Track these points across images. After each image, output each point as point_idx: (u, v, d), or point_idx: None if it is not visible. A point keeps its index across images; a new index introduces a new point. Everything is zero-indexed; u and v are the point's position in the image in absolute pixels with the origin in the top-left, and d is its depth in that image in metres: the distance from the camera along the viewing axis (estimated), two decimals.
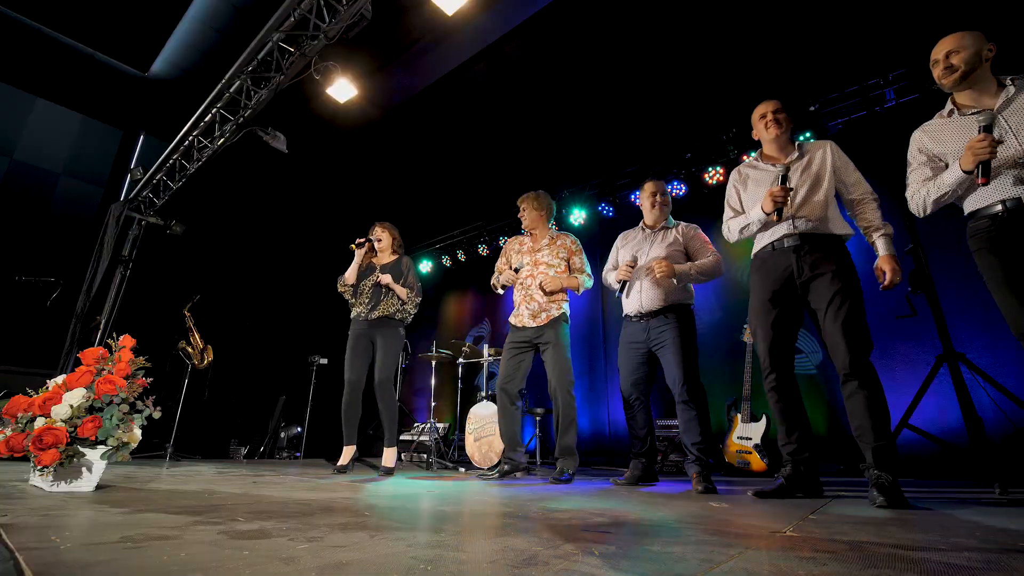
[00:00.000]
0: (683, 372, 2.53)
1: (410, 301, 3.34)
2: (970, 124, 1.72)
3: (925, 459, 3.15)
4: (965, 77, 1.74)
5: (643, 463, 2.71)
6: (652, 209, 2.88)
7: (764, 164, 2.33)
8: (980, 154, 1.60)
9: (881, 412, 1.88)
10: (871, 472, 1.84)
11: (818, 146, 2.24)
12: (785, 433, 2.10)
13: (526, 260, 3.14)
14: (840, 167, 2.16)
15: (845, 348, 1.92)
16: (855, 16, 3.77)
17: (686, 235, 2.80)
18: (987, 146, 1.59)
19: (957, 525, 1.31)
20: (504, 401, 3.00)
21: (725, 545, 1.04)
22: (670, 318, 2.63)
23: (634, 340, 2.75)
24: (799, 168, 2.20)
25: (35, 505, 1.44)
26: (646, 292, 2.70)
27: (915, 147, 1.92)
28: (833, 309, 1.98)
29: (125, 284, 4.93)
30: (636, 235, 2.96)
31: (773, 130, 2.26)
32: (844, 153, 2.21)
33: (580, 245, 3.17)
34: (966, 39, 1.74)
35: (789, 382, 2.12)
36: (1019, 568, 0.85)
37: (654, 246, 2.80)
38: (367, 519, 1.32)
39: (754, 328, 2.22)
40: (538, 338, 2.97)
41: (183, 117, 4.50)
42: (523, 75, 5.14)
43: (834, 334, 1.96)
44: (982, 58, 1.72)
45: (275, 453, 5.34)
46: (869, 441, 1.86)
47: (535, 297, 3.00)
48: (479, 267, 6.34)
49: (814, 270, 2.05)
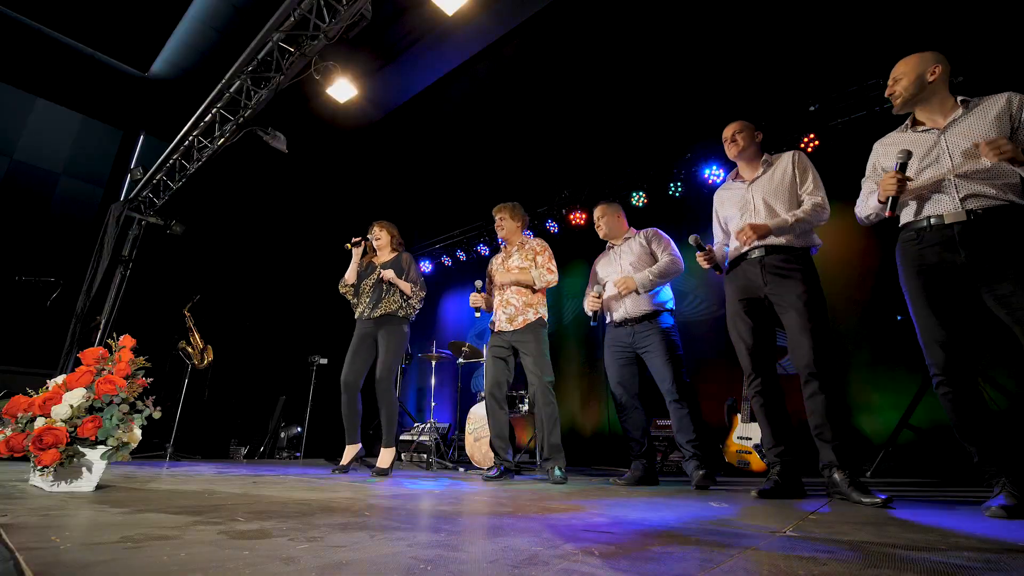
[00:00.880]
0: (671, 372, 2.63)
1: (415, 295, 3.31)
2: (919, 140, 1.80)
3: (925, 459, 3.15)
4: (906, 103, 1.84)
5: (643, 464, 2.75)
6: (609, 226, 3.05)
7: (734, 183, 2.43)
8: (888, 190, 1.71)
9: (841, 412, 1.96)
10: (835, 473, 1.90)
11: (783, 158, 2.31)
12: (771, 435, 2.16)
13: (501, 269, 3.24)
14: (798, 174, 2.23)
15: (808, 348, 1.99)
16: (855, 16, 3.77)
17: (648, 240, 2.93)
18: (894, 184, 1.69)
19: (957, 525, 1.31)
20: (492, 405, 3.05)
21: (725, 545, 1.04)
22: (654, 323, 2.76)
23: (619, 343, 2.86)
24: (761, 183, 2.29)
25: (35, 505, 1.43)
26: (629, 301, 2.82)
27: (871, 159, 2.00)
28: (796, 311, 2.05)
29: (125, 284, 4.93)
30: (607, 255, 3.10)
31: (733, 150, 2.38)
32: (807, 159, 2.27)
33: (546, 245, 3.23)
34: (908, 65, 1.82)
35: (773, 386, 2.19)
36: (1019, 568, 0.85)
37: (622, 259, 2.95)
38: (367, 519, 1.32)
39: (733, 337, 2.30)
40: (516, 342, 3.04)
41: (183, 117, 4.50)
42: (523, 75, 5.14)
43: (797, 335, 2.03)
44: (924, 82, 1.79)
45: (275, 453, 5.34)
46: (829, 439, 1.93)
47: (511, 302, 3.08)
48: (479, 267, 6.33)
49: (778, 277, 2.13)
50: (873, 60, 3.75)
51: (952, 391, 1.63)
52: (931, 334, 1.68)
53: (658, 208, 4.99)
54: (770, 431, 2.16)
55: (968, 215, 1.63)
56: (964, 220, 1.63)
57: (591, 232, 5.43)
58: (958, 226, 1.64)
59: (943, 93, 1.80)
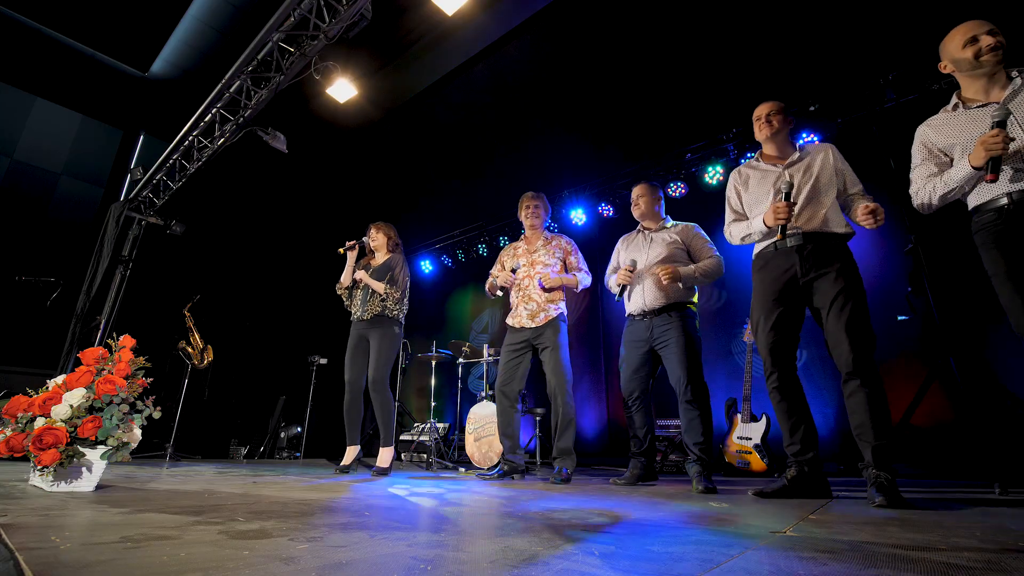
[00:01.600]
0: (687, 372, 2.53)
1: (389, 297, 3.29)
2: (977, 117, 1.71)
3: (925, 459, 3.15)
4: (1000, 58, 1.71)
5: (643, 462, 2.71)
6: (636, 210, 2.93)
7: (764, 164, 2.32)
8: (992, 149, 1.57)
9: (882, 411, 1.87)
10: (869, 471, 1.83)
11: (819, 148, 2.25)
12: (789, 433, 2.09)
13: (523, 261, 3.16)
14: (842, 169, 2.17)
15: (848, 347, 1.91)
16: (855, 16, 3.77)
17: (686, 235, 2.80)
18: (1000, 141, 1.55)
19: (957, 525, 1.31)
20: (503, 403, 3.00)
21: (725, 545, 1.04)
22: (673, 316, 2.63)
23: (637, 338, 2.75)
24: (800, 169, 2.20)
25: (35, 505, 1.43)
26: (648, 291, 2.69)
27: (920, 141, 1.90)
28: (836, 308, 1.97)
29: (125, 284, 4.93)
30: (636, 237, 2.96)
31: (766, 130, 2.28)
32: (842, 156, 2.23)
33: (575, 245, 3.21)
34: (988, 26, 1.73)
35: (792, 382, 2.11)
36: (1019, 568, 0.85)
37: (653, 247, 2.80)
38: (367, 519, 1.32)
39: (756, 328, 2.21)
40: (536, 339, 2.99)
41: (183, 117, 4.50)
42: (523, 75, 5.14)
43: (837, 333, 1.95)
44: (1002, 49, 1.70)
45: (275, 453, 5.34)
46: (869, 440, 1.85)
47: (533, 297, 3.03)
48: (479, 267, 6.34)
49: (817, 269, 2.05)
50: (873, 60, 3.75)
51: None
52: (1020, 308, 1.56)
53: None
54: (788, 428, 2.08)
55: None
56: None
57: (591, 232, 5.46)
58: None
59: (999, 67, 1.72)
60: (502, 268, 3.27)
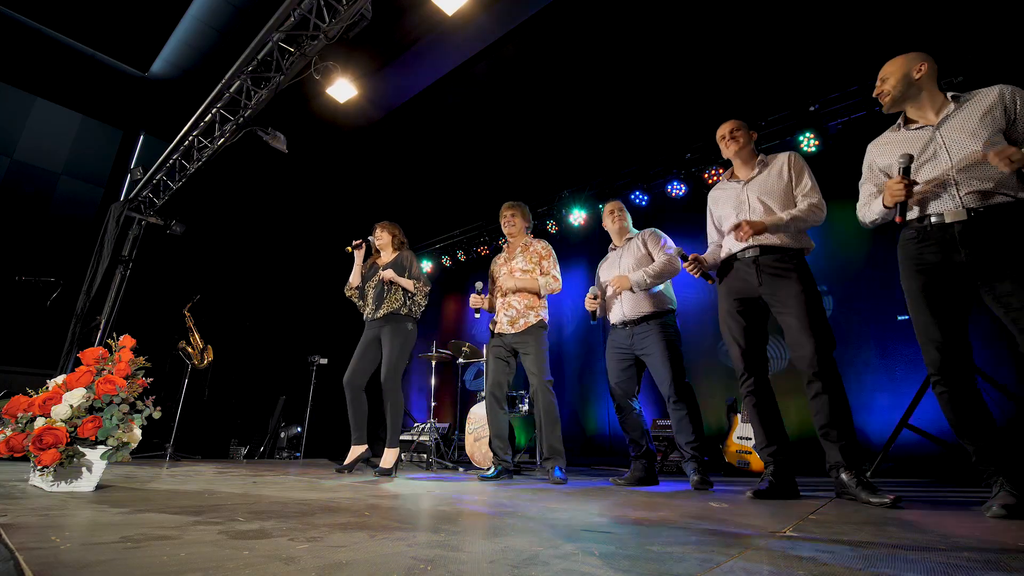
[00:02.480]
0: (670, 375, 2.62)
1: (419, 292, 3.25)
2: (913, 138, 1.80)
3: (925, 459, 3.15)
4: (895, 101, 1.85)
5: (644, 464, 2.75)
6: (613, 225, 3.05)
7: (728, 183, 2.43)
8: (896, 195, 1.69)
9: (845, 412, 1.96)
10: (843, 473, 1.89)
11: (779, 159, 2.30)
12: (764, 436, 2.16)
13: (503, 270, 3.22)
14: (794, 175, 2.23)
15: (811, 348, 1.98)
16: (855, 16, 3.77)
17: (645, 241, 2.91)
18: (902, 189, 1.68)
19: (957, 525, 1.31)
20: (492, 405, 3.06)
21: (725, 545, 1.04)
22: (652, 324, 2.74)
23: (619, 346, 2.86)
24: (756, 183, 2.28)
25: (35, 505, 1.43)
26: (626, 303, 2.81)
27: (866, 160, 1.99)
28: (795, 312, 2.04)
29: (125, 284, 4.93)
30: (610, 256, 3.09)
31: (731, 147, 2.37)
32: (803, 161, 2.27)
33: (551, 249, 3.23)
34: (894, 65, 1.84)
35: (765, 386, 2.19)
36: (1019, 568, 0.85)
37: (623, 260, 2.93)
38: (367, 519, 1.32)
39: (726, 335, 2.30)
40: (517, 344, 3.04)
41: (183, 117, 4.50)
42: (523, 75, 5.14)
43: (797, 334, 2.03)
44: (911, 80, 1.79)
45: (275, 453, 5.34)
46: (836, 440, 1.93)
47: (512, 304, 3.08)
48: (479, 267, 6.34)
49: (774, 278, 2.12)
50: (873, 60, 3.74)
51: (948, 391, 1.63)
52: (927, 334, 1.68)
53: (658, 208, 4.99)
54: (763, 431, 2.16)
55: (969, 213, 1.62)
56: (965, 219, 1.62)
57: (591, 232, 5.46)
58: (959, 225, 1.63)
59: (932, 89, 1.80)
60: (492, 281, 3.33)
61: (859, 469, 1.87)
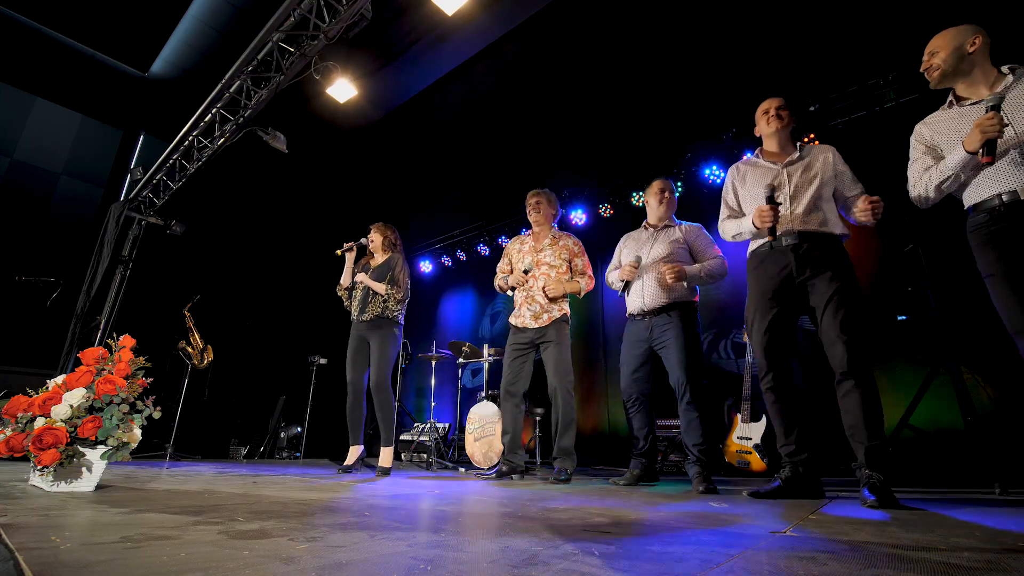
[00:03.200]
0: (686, 373, 2.50)
1: (390, 298, 3.26)
2: (968, 114, 1.71)
3: (925, 459, 3.14)
4: (945, 76, 1.76)
5: (643, 462, 2.70)
6: (660, 205, 2.85)
7: (764, 161, 2.31)
8: (988, 131, 1.55)
9: (876, 412, 1.87)
10: (862, 472, 1.83)
11: (821, 149, 2.24)
12: (783, 434, 2.08)
13: (528, 260, 3.12)
14: (843, 171, 2.17)
15: (843, 347, 1.90)
16: (855, 16, 3.77)
17: (690, 234, 2.78)
18: (995, 124, 1.54)
19: (957, 525, 1.31)
20: (509, 401, 2.97)
21: (725, 545, 1.04)
22: (673, 316, 2.60)
23: (637, 338, 2.73)
24: (799, 168, 2.19)
25: (35, 505, 1.43)
26: (648, 289, 2.67)
27: (915, 138, 1.90)
28: (832, 308, 1.96)
29: (125, 284, 4.93)
30: (640, 235, 2.94)
31: (775, 124, 2.27)
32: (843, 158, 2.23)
33: (582, 246, 3.16)
34: (945, 38, 1.75)
35: (787, 382, 2.10)
36: (1019, 568, 0.85)
37: (657, 245, 2.78)
38: (367, 519, 1.32)
39: (750, 328, 2.20)
40: (539, 338, 2.97)
41: (183, 117, 4.50)
42: (523, 75, 5.14)
43: (832, 333, 1.95)
44: (964, 53, 1.71)
45: (275, 453, 5.34)
46: (862, 440, 1.85)
47: (536, 298, 3.00)
48: (479, 267, 6.34)
49: (813, 269, 2.04)
50: (873, 60, 3.75)
51: None
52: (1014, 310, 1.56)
53: None
54: (782, 429, 2.08)
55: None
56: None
57: (591, 232, 5.45)
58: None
59: (985, 65, 1.70)
60: (509, 263, 3.24)
61: (880, 471, 1.79)
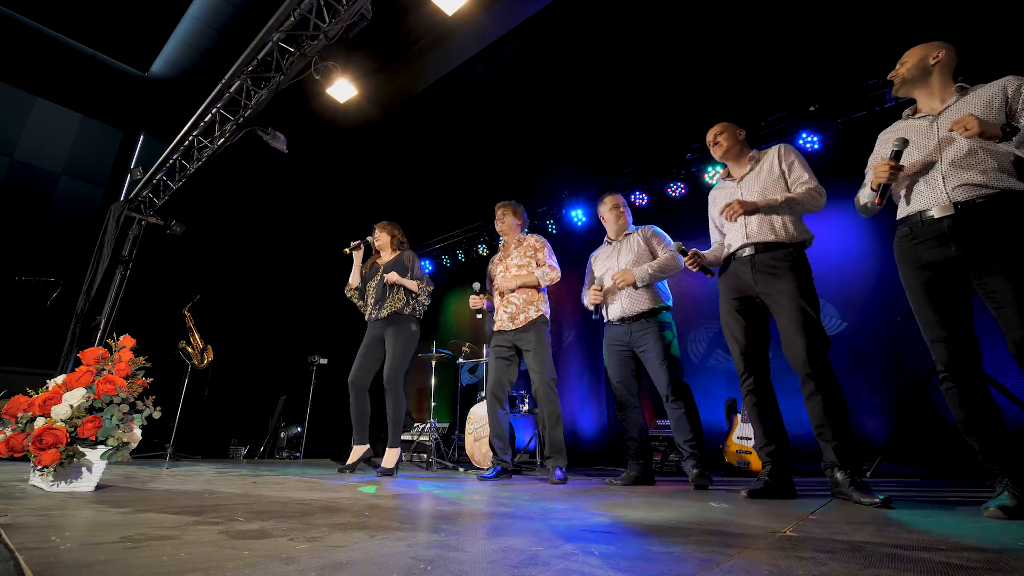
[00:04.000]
0: (667, 373, 2.63)
1: (422, 292, 3.28)
2: (913, 127, 1.80)
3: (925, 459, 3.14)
4: (905, 83, 1.84)
5: (641, 464, 2.75)
6: (616, 220, 3.03)
7: (725, 182, 2.44)
8: (880, 176, 1.70)
9: (840, 411, 1.94)
10: (837, 472, 1.88)
11: (769, 153, 2.30)
12: (763, 434, 2.15)
13: (499, 269, 3.22)
14: (786, 168, 2.21)
15: (803, 348, 1.97)
16: (855, 16, 3.77)
17: (646, 237, 2.92)
18: (887, 171, 1.68)
19: (957, 525, 1.31)
20: (494, 404, 3.04)
21: (725, 545, 1.04)
22: (650, 321, 2.75)
23: (617, 342, 2.86)
24: (749, 180, 2.28)
25: (35, 505, 1.43)
26: (625, 299, 2.82)
27: (875, 150, 1.98)
28: (789, 311, 2.03)
29: (125, 284, 4.93)
30: (604, 250, 3.08)
31: (716, 152, 2.40)
32: (793, 151, 2.25)
33: (544, 241, 3.22)
34: (915, 50, 1.83)
35: (765, 385, 2.18)
36: (1019, 568, 0.85)
37: (622, 255, 2.92)
38: (367, 519, 1.32)
39: (727, 334, 2.29)
40: (518, 340, 3.03)
41: (183, 117, 4.50)
42: (522, 75, 5.14)
43: (791, 334, 2.02)
44: (926, 65, 1.78)
45: (275, 453, 5.34)
46: (830, 439, 1.91)
47: (511, 300, 3.07)
48: (479, 267, 6.33)
49: (769, 276, 2.11)
50: (873, 60, 3.75)
51: (956, 387, 1.61)
52: (933, 332, 1.66)
53: (659, 208, 4.99)
54: (762, 430, 2.15)
55: (955, 207, 1.60)
56: (952, 213, 1.61)
57: (591, 233, 5.45)
58: (948, 220, 1.62)
59: (944, 79, 1.77)
60: (491, 281, 3.32)
61: (854, 468, 1.86)
